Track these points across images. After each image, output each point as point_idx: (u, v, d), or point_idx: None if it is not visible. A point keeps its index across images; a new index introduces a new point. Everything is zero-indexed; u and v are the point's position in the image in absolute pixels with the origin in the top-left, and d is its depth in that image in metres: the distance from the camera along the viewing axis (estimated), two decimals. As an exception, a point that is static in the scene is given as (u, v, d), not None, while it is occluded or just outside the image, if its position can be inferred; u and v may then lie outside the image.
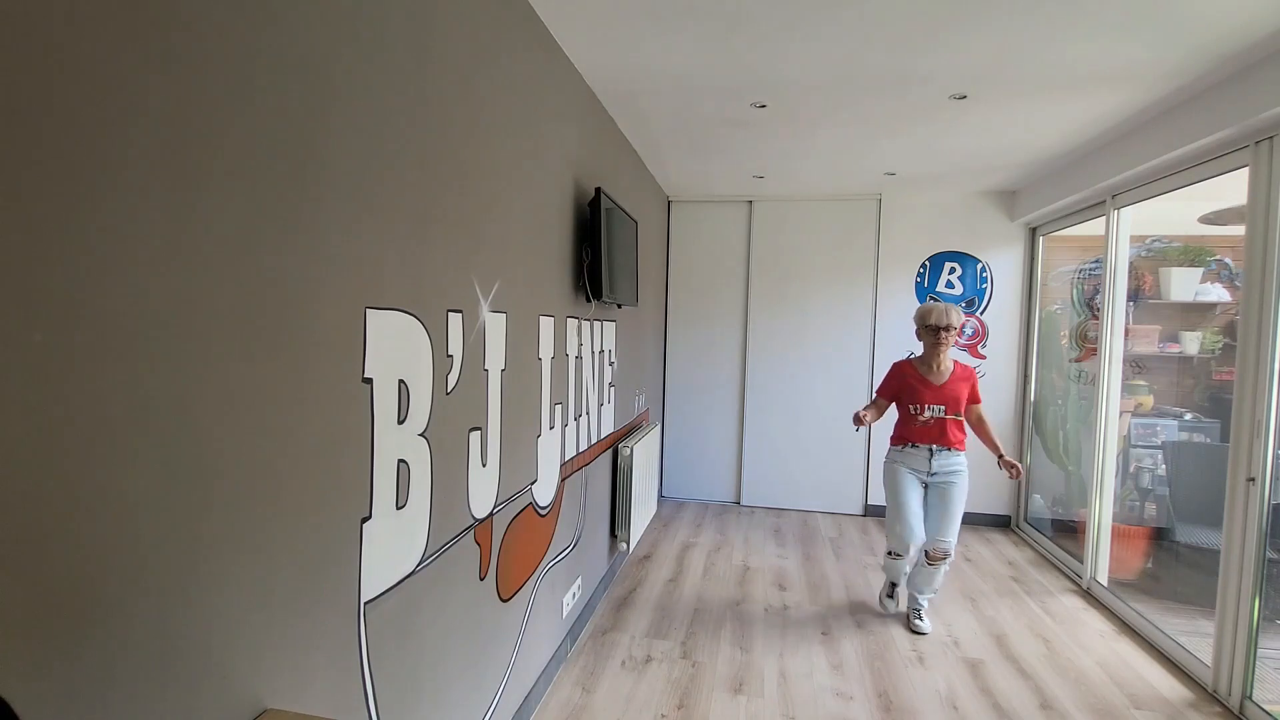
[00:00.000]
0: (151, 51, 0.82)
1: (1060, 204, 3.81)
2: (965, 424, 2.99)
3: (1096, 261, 3.76)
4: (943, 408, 2.93)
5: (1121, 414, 3.54)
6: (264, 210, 1.01)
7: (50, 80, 0.71)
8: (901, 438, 3.03)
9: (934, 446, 2.93)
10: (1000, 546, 4.25)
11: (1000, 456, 2.92)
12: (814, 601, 3.32)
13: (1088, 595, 3.47)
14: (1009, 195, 4.53)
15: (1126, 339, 3.50)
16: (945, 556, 2.93)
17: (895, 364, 3.11)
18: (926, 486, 2.98)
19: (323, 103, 1.14)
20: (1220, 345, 3.51)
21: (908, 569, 3.09)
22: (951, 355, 3.16)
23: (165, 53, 0.84)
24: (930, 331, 2.95)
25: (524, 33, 2.02)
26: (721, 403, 5.05)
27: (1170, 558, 3.51)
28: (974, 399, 3.03)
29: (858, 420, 2.92)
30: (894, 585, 3.19)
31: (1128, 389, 3.61)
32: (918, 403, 2.96)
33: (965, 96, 2.71)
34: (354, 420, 1.25)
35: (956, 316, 2.91)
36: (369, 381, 1.29)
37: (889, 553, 3.06)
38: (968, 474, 2.97)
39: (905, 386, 3.01)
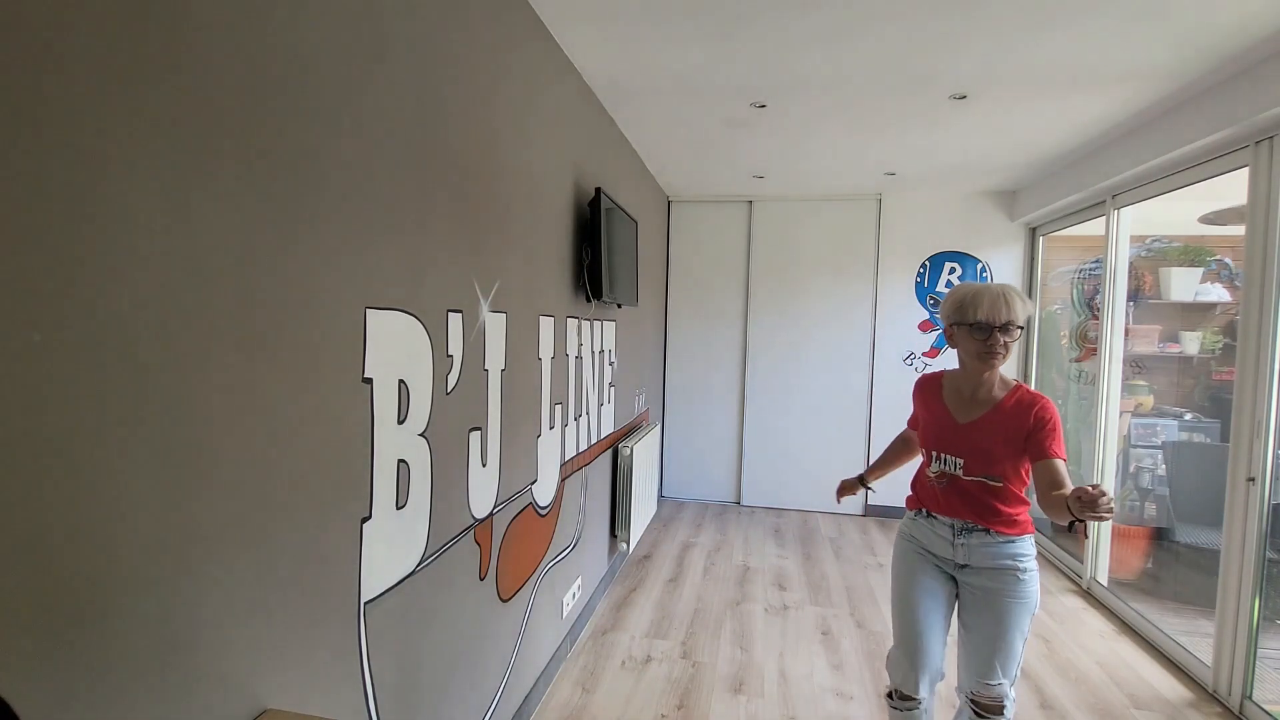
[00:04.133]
0: (152, 52, 0.82)
1: (1060, 204, 3.81)
2: (1020, 493, 1.72)
3: (1096, 261, 3.76)
4: (960, 461, 1.74)
5: (1121, 414, 3.54)
6: (264, 210, 1.01)
7: (51, 80, 0.71)
8: (916, 497, 1.89)
9: (957, 522, 1.76)
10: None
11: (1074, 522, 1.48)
12: (814, 601, 3.32)
13: (1088, 595, 3.47)
14: (1009, 195, 4.53)
15: (1126, 339, 3.50)
16: (1000, 708, 1.70)
17: (921, 378, 1.95)
18: (957, 583, 1.80)
19: (322, 103, 1.14)
20: (1220, 345, 3.51)
21: None
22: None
23: (166, 53, 0.84)
24: (977, 333, 1.68)
25: (524, 33, 2.02)
26: (721, 403, 5.04)
27: (1170, 558, 3.51)
28: (1043, 452, 1.62)
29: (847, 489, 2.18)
30: None
31: (1128, 389, 3.61)
32: (928, 446, 1.83)
33: (965, 96, 2.71)
34: (354, 420, 1.25)
35: (1021, 306, 1.67)
36: (369, 381, 1.29)
37: (889, 693, 1.89)
38: (1035, 572, 1.71)
39: (922, 414, 1.90)
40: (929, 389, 1.88)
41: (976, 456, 1.72)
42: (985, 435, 1.71)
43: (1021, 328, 1.68)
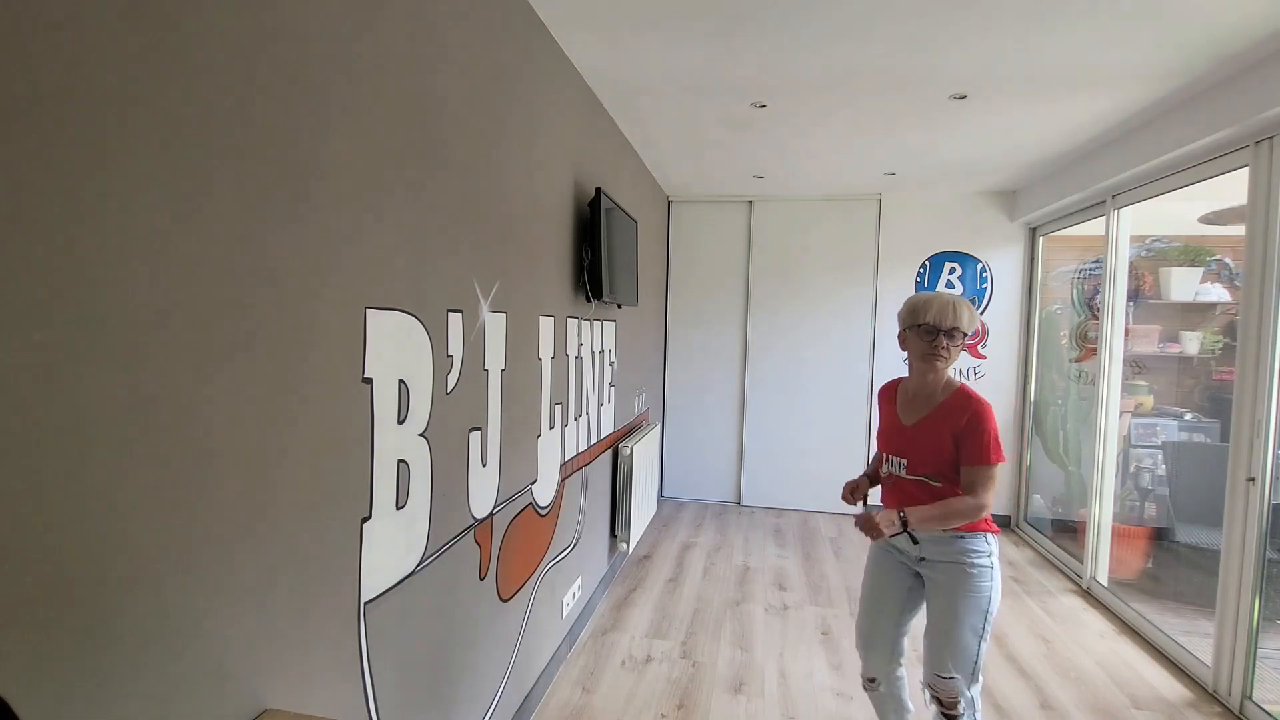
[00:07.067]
0: (151, 51, 0.82)
1: (1060, 204, 3.81)
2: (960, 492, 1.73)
3: (1096, 261, 3.76)
4: (903, 462, 1.81)
5: (1121, 414, 3.54)
6: (264, 210, 1.01)
7: (49, 80, 0.71)
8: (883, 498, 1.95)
9: None
10: (1000, 546, 4.25)
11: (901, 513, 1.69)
12: (814, 601, 3.32)
13: (1088, 595, 3.47)
14: (1009, 195, 4.53)
15: (1126, 339, 3.50)
16: (953, 701, 1.76)
17: (883, 386, 2.03)
18: (921, 578, 1.88)
19: (323, 103, 1.14)
20: (1220, 345, 3.51)
21: (910, 710, 1.98)
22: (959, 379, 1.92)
23: (165, 52, 0.84)
24: (924, 335, 1.77)
25: (524, 33, 2.02)
26: (721, 403, 5.04)
27: (1170, 558, 3.51)
28: (970, 457, 1.70)
29: (854, 494, 1.95)
30: None
31: (1128, 389, 3.61)
32: (880, 448, 1.93)
33: (965, 96, 2.70)
34: (354, 420, 1.25)
35: (969, 317, 1.75)
36: (369, 381, 1.29)
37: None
38: (989, 570, 1.74)
39: (881, 419, 1.97)
40: (887, 394, 1.97)
41: (918, 457, 1.79)
42: (926, 436, 1.78)
43: (966, 334, 1.76)
